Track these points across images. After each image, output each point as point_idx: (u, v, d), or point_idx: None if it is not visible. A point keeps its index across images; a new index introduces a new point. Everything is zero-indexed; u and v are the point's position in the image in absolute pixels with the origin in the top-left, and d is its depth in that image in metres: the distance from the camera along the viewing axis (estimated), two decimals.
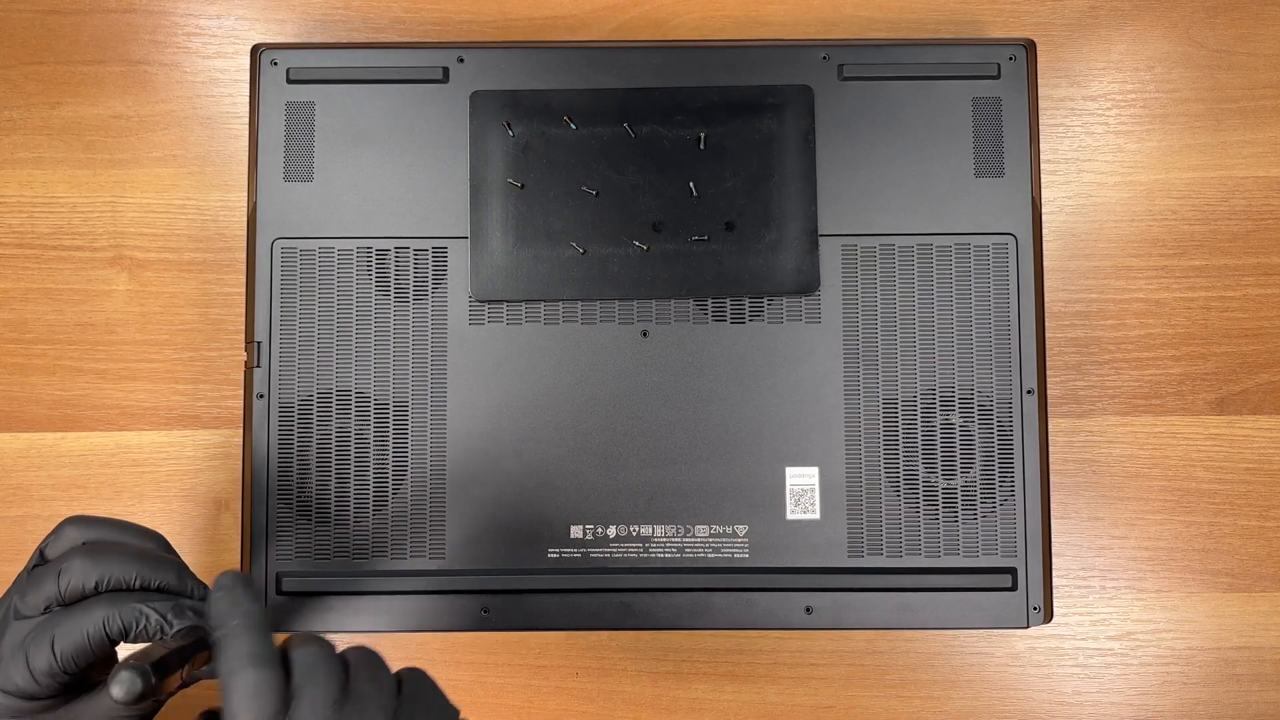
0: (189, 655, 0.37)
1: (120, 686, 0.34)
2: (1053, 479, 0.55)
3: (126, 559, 0.39)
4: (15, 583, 0.40)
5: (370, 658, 0.38)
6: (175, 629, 0.38)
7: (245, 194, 0.55)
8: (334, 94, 0.52)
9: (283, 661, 0.36)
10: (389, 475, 0.50)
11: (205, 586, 0.42)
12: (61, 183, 0.57)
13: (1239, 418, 0.56)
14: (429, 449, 0.50)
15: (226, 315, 0.56)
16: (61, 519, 0.41)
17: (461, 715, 0.39)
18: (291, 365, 0.50)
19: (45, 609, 0.37)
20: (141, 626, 0.37)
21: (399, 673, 0.38)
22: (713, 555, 0.50)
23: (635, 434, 0.50)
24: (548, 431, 0.50)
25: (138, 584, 0.39)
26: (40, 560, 0.40)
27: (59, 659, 0.37)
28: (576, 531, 0.50)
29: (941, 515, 0.50)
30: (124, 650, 0.40)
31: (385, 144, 0.51)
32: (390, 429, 0.50)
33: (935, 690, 0.55)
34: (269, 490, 0.50)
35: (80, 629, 0.37)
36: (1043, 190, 0.56)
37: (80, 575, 0.38)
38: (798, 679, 0.55)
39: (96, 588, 0.38)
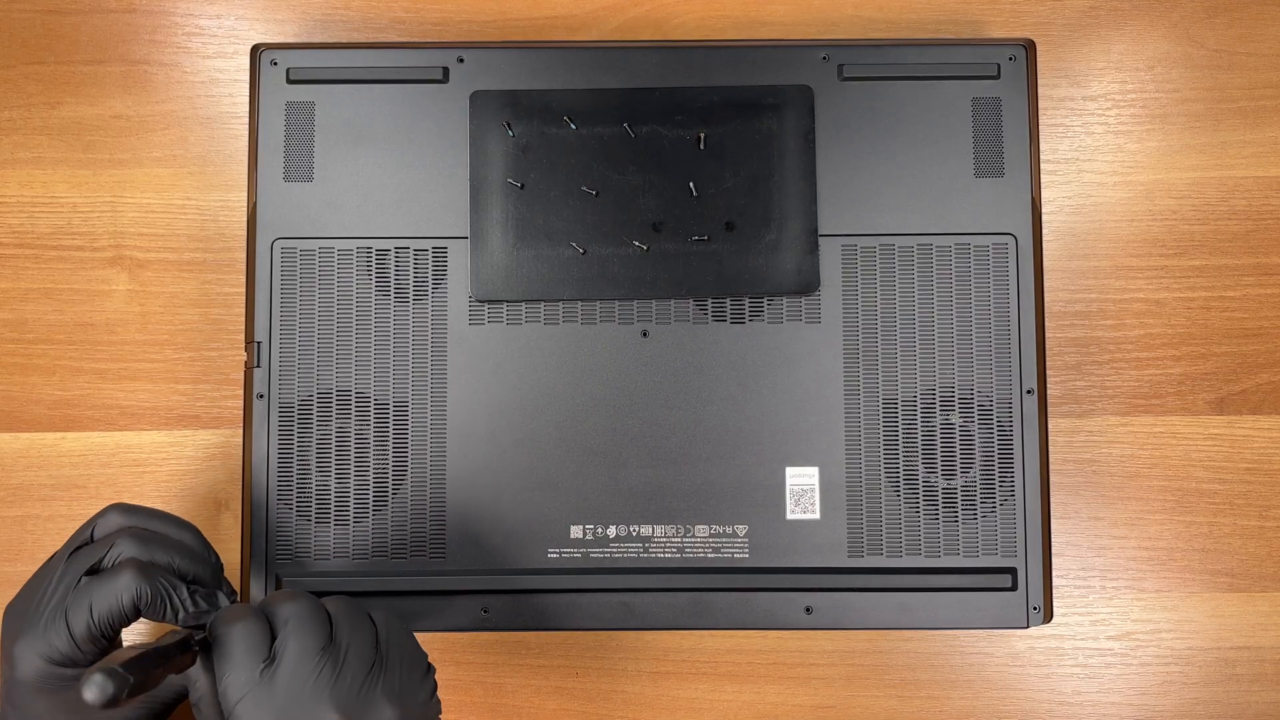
0: (169, 656, 0.37)
1: (92, 689, 0.33)
2: (1053, 479, 0.55)
3: (171, 548, 0.41)
4: (54, 557, 0.42)
5: (351, 609, 0.41)
6: (186, 614, 0.40)
7: (245, 194, 0.55)
8: (334, 94, 0.52)
9: (270, 618, 0.39)
10: (389, 475, 0.50)
11: (234, 590, 0.44)
12: (61, 183, 0.57)
13: (1239, 418, 0.56)
14: (429, 449, 0.50)
15: (226, 315, 0.56)
16: (71, 507, 0.42)
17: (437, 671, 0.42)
18: (291, 365, 0.50)
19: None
20: (162, 601, 0.40)
21: (374, 616, 0.41)
22: (713, 555, 0.50)
23: (635, 434, 0.50)
24: (548, 431, 0.50)
25: (176, 571, 0.41)
26: (90, 539, 0.42)
27: (96, 622, 0.38)
28: (576, 531, 0.50)
29: (941, 515, 0.50)
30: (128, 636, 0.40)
31: (385, 144, 0.51)
32: (390, 429, 0.50)
33: (935, 690, 0.55)
34: (269, 490, 0.50)
35: (114, 593, 0.39)
36: (1043, 190, 0.56)
37: (128, 553, 0.40)
38: (798, 679, 0.55)
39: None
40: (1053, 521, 0.54)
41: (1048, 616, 0.50)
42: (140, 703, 0.43)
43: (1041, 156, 0.54)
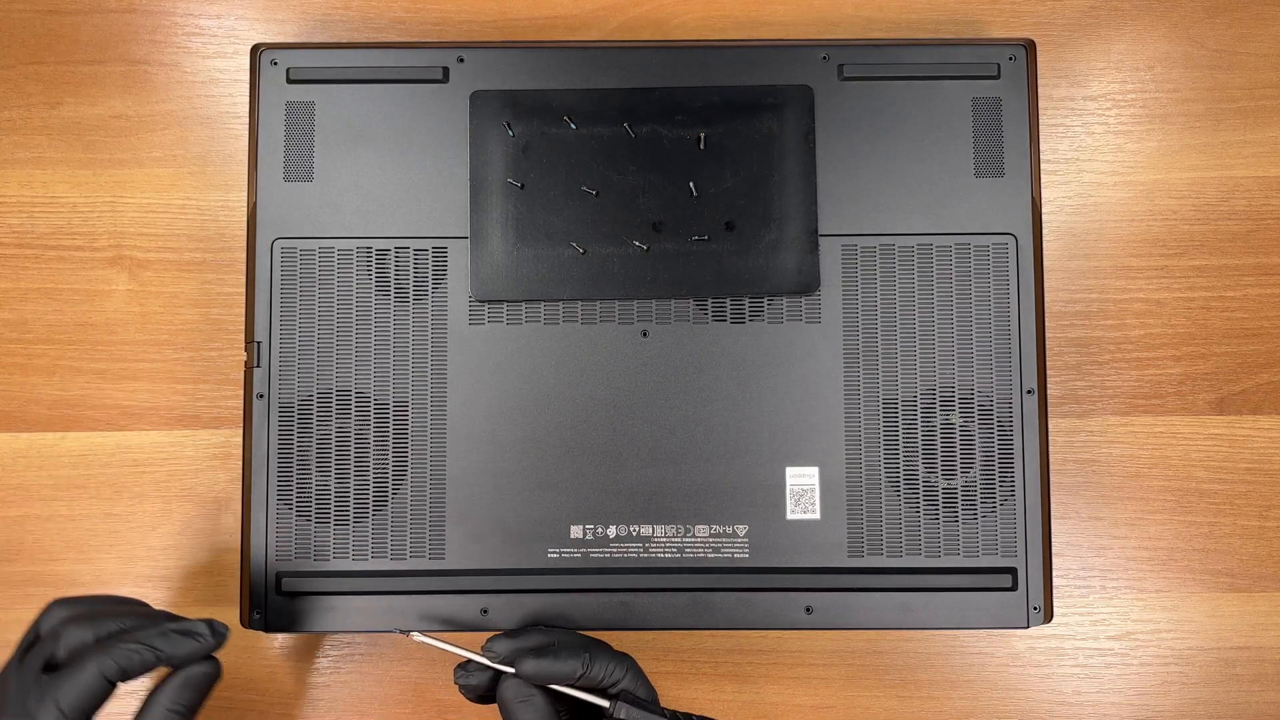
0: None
1: None
2: (1053, 479, 0.55)
3: (119, 614, 0.41)
4: (10, 662, 0.41)
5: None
6: (166, 655, 0.40)
7: (245, 194, 0.55)
8: (334, 94, 0.52)
9: None
10: (389, 475, 0.50)
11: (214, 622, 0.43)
12: (61, 183, 0.57)
13: (1239, 418, 0.56)
14: (429, 449, 0.50)
15: (226, 315, 0.56)
16: (51, 603, 0.43)
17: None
18: (291, 365, 0.50)
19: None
20: (138, 662, 0.39)
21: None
22: (713, 555, 0.50)
23: (635, 434, 0.50)
24: (548, 431, 0.50)
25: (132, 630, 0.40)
26: (35, 637, 0.41)
27: (68, 715, 0.38)
28: (576, 531, 0.50)
29: (941, 515, 0.50)
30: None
31: (385, 144, 0.51)
32: (390, 429, 0.50)
33: (935, 690, 0.55)
34: (269, 490, 0.50)
35: (79, 683, 0.38)
36: (1043, 190, 0.56)
37: (78, 637, 0.39)
38: (798, 679, 0.55)
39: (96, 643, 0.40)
40: (1053, 521, 0.54)
41: (1048, 616, 0.50)
42: None
43: (1041, 156, 0.54)
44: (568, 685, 0.43)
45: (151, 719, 0.40)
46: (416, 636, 0.45)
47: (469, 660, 0.45)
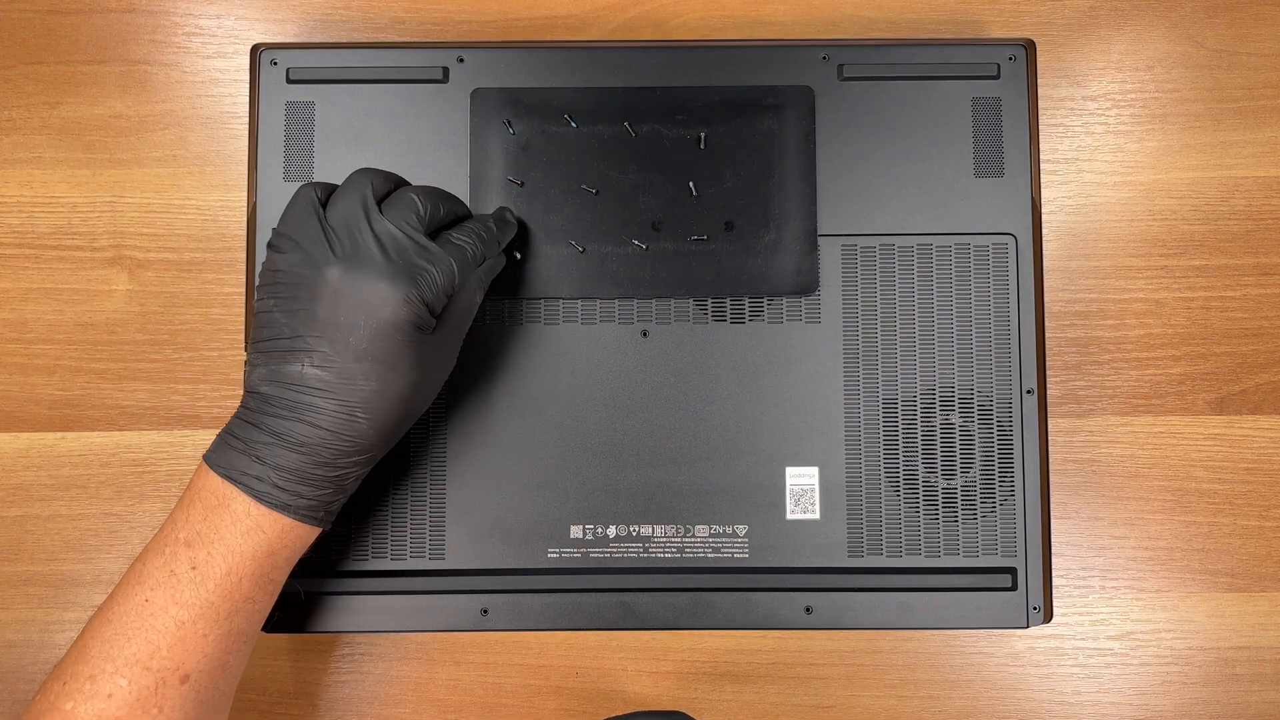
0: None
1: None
2: (1053, 479, 0.55)
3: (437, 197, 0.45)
4: (359, 206, 0.42)
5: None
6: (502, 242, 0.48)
7: (245, 194, 0.55)
8: (334, 94, 0.52)
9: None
10: (389, 475, 0.50)
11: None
12: (61, 183, 0.57)
13: (1239, 418, 0.56)
14: (429, 449, 0.50)
15: (226, 315, 0.56)
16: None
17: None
18: None
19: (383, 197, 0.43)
20: (495, 250, 0.47)
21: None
22: (713, 555, 0.50)
23: (635, 434, 0.50)
24: (548, 431, 0.50)
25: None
26: (385, 193, 0.44)
27: (471, 283, 0.45)
28: (576, 531, 0.50)
29: (941, 515, 0.50)
30: None
31: (385, 144, 0.51)
32: None
33: (935, 690, 0.55)
34: None
35: (487, 260, 0.46)
36: (1043, 190, 0.56)
37: (446, 208, 0.45)
38: (798, 679, 0.55)
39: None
40: (1053, 521, 0.54)
41: (1048, 616, 0.50)
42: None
43: (1041, 156, 0.54)
44: None
45: (463, 297, 0.44)
46: None
47: None
